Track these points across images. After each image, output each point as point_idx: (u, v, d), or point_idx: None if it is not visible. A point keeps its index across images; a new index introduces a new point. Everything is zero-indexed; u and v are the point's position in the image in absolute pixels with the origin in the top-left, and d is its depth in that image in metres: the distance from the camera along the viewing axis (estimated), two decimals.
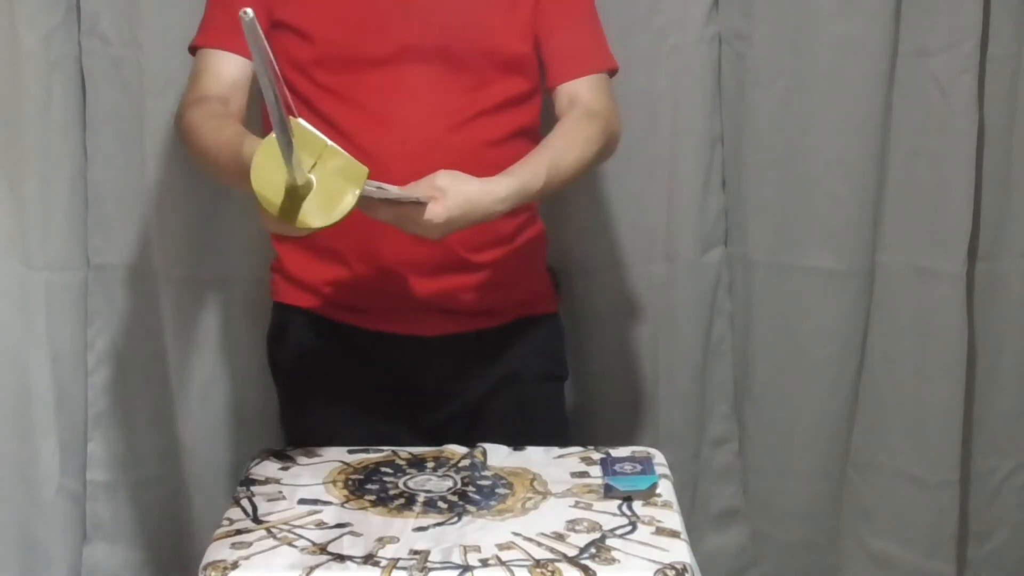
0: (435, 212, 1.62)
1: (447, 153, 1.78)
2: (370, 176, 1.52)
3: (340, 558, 1.49)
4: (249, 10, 1.27)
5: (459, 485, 1.71)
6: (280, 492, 1.68)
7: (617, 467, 1.72)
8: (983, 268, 2.38)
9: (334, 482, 1.71)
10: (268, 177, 1.45)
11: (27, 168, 2.19)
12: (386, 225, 1.65)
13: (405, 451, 1.82)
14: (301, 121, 1.47)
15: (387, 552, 1.50)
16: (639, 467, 1.72)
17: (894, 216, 2.33)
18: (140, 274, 2.26)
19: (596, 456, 1.79)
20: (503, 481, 1.72)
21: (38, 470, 2.29)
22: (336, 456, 1.81)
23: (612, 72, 1.96)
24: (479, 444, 1.82)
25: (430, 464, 1.78)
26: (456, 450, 1.82)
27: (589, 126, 1.86)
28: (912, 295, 2.35)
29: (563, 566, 1.47)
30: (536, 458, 1.79)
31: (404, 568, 1.46)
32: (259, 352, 2.25)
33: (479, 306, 1.93)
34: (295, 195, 1.46)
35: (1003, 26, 2.27)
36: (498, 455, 1.80)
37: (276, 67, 1.39)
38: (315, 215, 1.46)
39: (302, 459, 1.80)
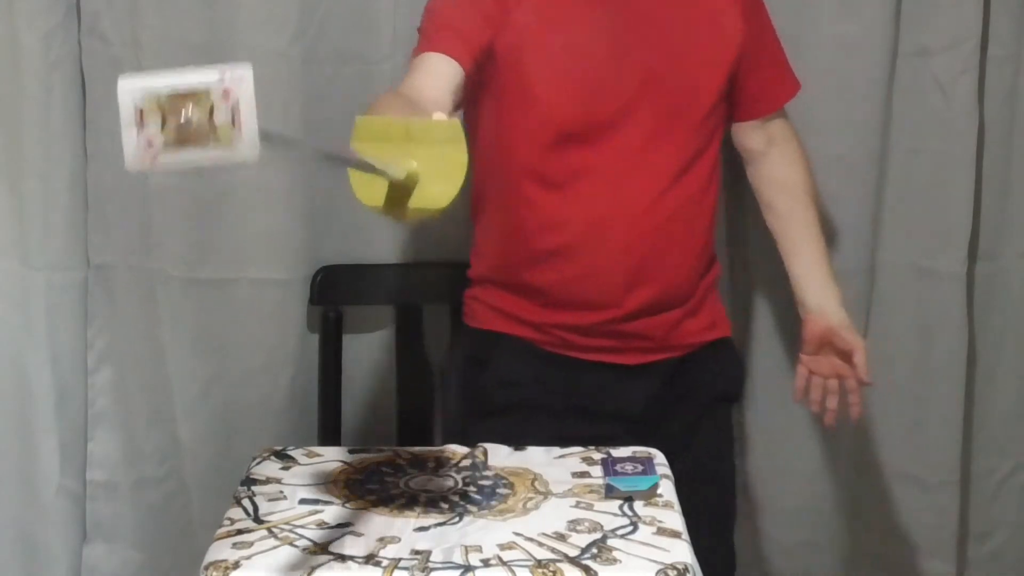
0: (862, 354, 2.01)
1: (659, 212, 1.91)
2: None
3: (341, 558, 1.48)
4: None
5: (460, 485, 1.71)
6: (281, 492, 1.68)
7: (618, 467, 1.72)
8: (983, 268, 2.38)
9: (335, 482, 1.71)
10: (372, 191, 1.35)
11: (27, 168, 2.19)
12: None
13: (406, 451, 1.82)
14: (365, 118, 1.38)
15: (388, 552, 1.50)
16: (640, 467, 1.72)
17: (894, 216, 2.33)
18: (140, 274, 2.26)
19: (597, 456, 1.79)
20: (504, 481, 1.71)
21: (38, 470, 2.29)
22: (337, 456, 1.81)
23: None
24: (479, 444, 1.82)
25: (431, 464, 1.78)
26: (457, 450, 1.82)
27: (805, 161, 2.12)
28: (912, 295, 2.35)
29: (564, 566, 1.46)
30: (537, 458, 1.79)
31: (405, 568, 1.46)
32: (259, 352, 2.27)
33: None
34: (406, 188, 1.35)
35: (1003, 26, 2.27)
36: (499, 455, 1.80)
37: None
38: (437, 197, 1.35)
39: (303, 459, 1.80)
